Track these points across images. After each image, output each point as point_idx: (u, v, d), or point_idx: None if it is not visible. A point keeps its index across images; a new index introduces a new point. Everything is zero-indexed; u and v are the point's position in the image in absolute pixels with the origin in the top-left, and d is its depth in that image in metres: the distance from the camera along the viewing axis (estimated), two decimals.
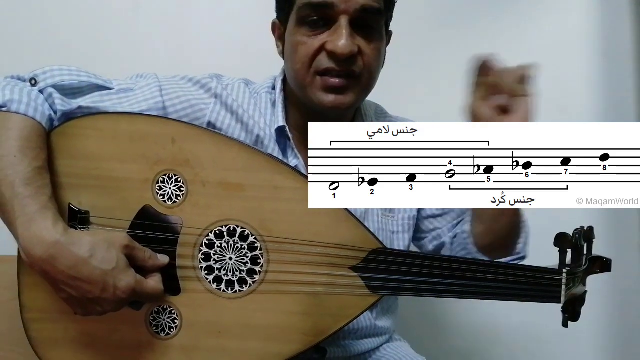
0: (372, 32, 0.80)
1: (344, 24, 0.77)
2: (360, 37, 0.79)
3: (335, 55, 0.77)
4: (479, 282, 0.71)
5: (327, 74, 0.79)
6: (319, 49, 0.79)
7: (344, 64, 0.78)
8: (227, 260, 0.74)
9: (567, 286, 0.70)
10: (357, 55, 0.79)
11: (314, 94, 0.81)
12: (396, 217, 0.91)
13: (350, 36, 0.77)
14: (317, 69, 0.79)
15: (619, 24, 1.33)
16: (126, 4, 1.26)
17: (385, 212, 0.90)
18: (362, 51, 0.79)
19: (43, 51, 1.22)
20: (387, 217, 0.90)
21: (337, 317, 0.73)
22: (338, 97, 0.80)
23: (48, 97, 0.75)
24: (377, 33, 0.81)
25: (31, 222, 0.66)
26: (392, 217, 0.90)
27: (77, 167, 0.74)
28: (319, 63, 0.79)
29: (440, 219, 0.94)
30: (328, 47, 0.78)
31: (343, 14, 0.77)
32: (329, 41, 0.78)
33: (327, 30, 0.79)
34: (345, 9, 0.77)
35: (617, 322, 1.34)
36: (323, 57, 0.79)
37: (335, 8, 0.77)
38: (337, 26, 0.78)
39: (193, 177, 0.73)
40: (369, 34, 0.80)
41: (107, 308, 0.70)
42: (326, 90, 0.80)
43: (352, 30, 0.78)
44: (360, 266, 0.72)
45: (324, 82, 0.79)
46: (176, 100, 0.83)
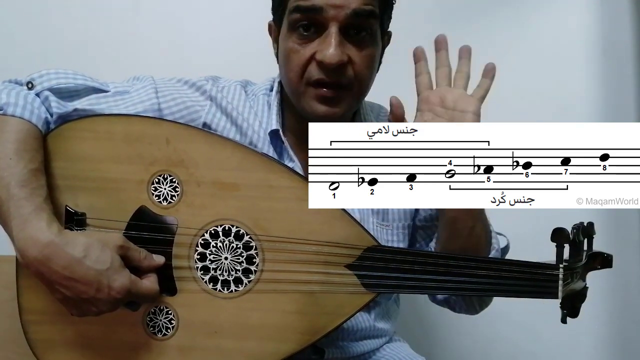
0: (365, 38, 0.79)
1: (333, 32, 0.76)
2: (352, 44, 0.78)
3: (324, 64, 0.76)
4: (475, 279, 0.71)
5: (318, 85, 0.79)
6: (309, 58, 0.78)
7: (333, 75, 0.77)
8: (223, 260, 0.74)
9: (564, 282, 0.69)
10: (347, 64, 0.78)
11: (306, 103, 0.80)
12: (391, 227, 0.90)
13: (339, 45, 0.76)
14: (308, 79, 0.79)
15: (619, 24, 1.33)
16: (126, 4, 1.26)
17: (380, 221, 0.89)
18: (352, 60, 0.78)
19: (43, 51, 1.23)
20: (383, 227, 0.89)
21: (333, 316, 0.73)
22: (330, 109, 0.79)
23: (44, 100, 0.75)
24: (371, 38, 0.80)
25: (26, 223, 0.67)
26: (387, 226, 0.90)
27: (73, 169, 0.74)
28: (310, 74, 0.78)
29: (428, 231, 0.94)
30: (317, 56, 0.77)
31: (333, 21, 0.76)
32: (318, 50, 0.77)
33: (318, 38, 0.78)
34: (334, 15, 0.76)
35: (617, 322, 1.34)
36: (313, 67, 0.78)
37: (324, 14, 0.76)
38: (326, 34, 0.77)
39: (188, 177, 0.73)
40: (361, 41, 0.79)
41: (102, 308, 0.70)
42: (318, 100, 0.79)
43: (343, 38, 0.77)
44: (356, 264, 0.72)
45: (316, 93, 0.79)
46: (171, 102, 0.83)
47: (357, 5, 0.76)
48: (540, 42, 1.31)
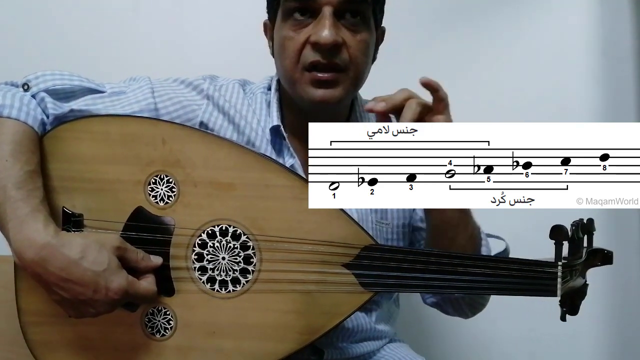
0: (358, 23, 0.80)
1: (327, 14, 0.77)
2: (346, 28, 0.79)
3: (318, 45, 0.77)
4: (474, 277, 0.70)
5: (314, 69, 0.79)
6: (304, 42, 0.79)
7: (328, 56, 0.78)
8: (220, 260, 0.74)
9: (563, 279, 0.69)
10: (341, 46, 0.78)
11: (303, 89, 0.80)
12: (391, 225, 0.90)
13: (333, 26, 0.77)
14: (304, 63, 0.79)
15: (619, 24, 1.33)
16: (126, 4, 1.26)
17: (379, 219, 0.89)
18: (347, 43, 0.79)
19: (43, 51, 1.23)
20: (382, 225, 0.89)
21: (331, 315, 0.73)
22: (327, 91, 0.79)
23: (40, 101, 0.75)
24: (364, 24, 0.81)
25: (22, 225, 0.67)
26: (386, 224, 0.89)
27: (70, 170, 0.74)
28: (305, 57, 0.79)
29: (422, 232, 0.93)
30: (312, 38, 0.78)
31: (326, 5, 0.77)
32: (312, 33, 0.78)
33: (312, 23, 0.79)
34: (328, 0, 0.77)
35: (617, 322, 1.34)
36: (308, 50, 0.79)
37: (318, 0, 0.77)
38: (320, 17, 0.77)
39: (184, 178, 0.73)
40: (355, 25, 0.79)
41: (100, 309, 0.70)
42: (314, 84, 0.79)
43: (337, 21, 0.78)
44: (353, 263, 0.72)
45: (312, 77, 0.79)
46: (168, 101, 0.83)
47: None
48: (540, 42, 1.30)
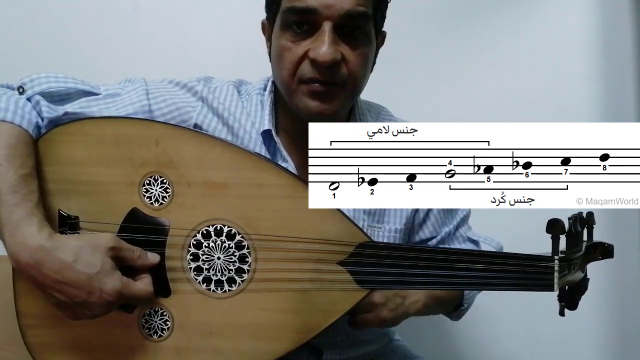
0: (358, 37, 0.78)
1: (327, 30, 0.75)
2: (345, 43, 0.77)
3: (317, 62, 0.76)
4: (470, 272, 0.70)
5: (311, 82, 0.78)
6: (302, 56, 0.77)
7: (326, 73, 0.76)
8: (216, 260, 0.74)
9: (560, 273, 0.68)
10: (340, 62, 0.77)
11: (299, 99, 0.79)
12: (383, 229, 0.90)
13: (333, 43, 0.75)
14: (300, 77, 0.78)
15: (619, 24, 1.33)
16: (126, 4, 1.26)
17: (371, 223, 0.89)
18: (346, 59, 0.77)
19: (43, 51, 1.23)
20: (373, 228, 0.88)
21: (326, 313, 0.73)
22: (322, 105, 0.78)
23: (35, 104, 0.75)
24: (364, 38, 0.79)
25: (17, 228, 0.67)
26: (378, 228, 0.89)
27: (65, 173, 0.74)
28: (303, 72, 0.78)
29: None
30: (310, 54, 0.76)
31: (326, 20, 0.75)
32: (311, 48, 0.76)
33: (311, 36, 0.77)
34: (328, 15, 0.75)
35: (617, 321, 1.34)
36: (306, 65, 0.77)
37: (318, 14, 0.75)
38: (320, 32, 0.76)
39: (178, 178, 0.73)
40: (355, 40, 0.78)
41: (95, 311, 0.70)
42: (311, 96, 0.78)
43: (337, 36, 0.76)
44: (348, 260, 0.72)
45: (309, 89, 0.78)
46: (162, 103, 0.83)
47: (350, 6, 0.75)
48: (540, 42, 1.30)
